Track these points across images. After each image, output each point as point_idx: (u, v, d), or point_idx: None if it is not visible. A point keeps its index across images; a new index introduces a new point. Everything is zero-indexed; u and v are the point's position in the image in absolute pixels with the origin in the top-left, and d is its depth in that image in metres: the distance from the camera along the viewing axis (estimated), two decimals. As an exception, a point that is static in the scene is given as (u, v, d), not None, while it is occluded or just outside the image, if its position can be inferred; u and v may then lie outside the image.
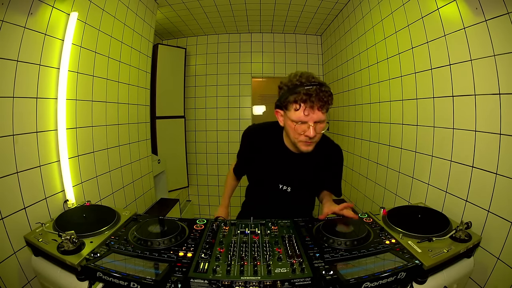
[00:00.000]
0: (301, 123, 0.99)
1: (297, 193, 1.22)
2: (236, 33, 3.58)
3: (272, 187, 1.23)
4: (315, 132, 0.99)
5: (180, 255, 0.94)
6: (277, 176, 1.21)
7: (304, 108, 0.96)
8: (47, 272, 1.02)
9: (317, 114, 0.97)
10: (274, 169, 1.21)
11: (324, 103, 0.96)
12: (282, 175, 1.21)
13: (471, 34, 1.19)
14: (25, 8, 1.19)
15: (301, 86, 0.96)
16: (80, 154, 1.56)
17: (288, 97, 0.99)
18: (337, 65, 3.01)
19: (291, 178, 1.20)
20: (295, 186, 1.21)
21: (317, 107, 0.96)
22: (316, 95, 0.94)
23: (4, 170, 1.12)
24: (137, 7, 2.19)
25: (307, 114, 0.96)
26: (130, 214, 1.26)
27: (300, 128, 1.00)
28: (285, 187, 1.21)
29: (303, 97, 0.95)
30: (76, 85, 1.53)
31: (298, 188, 1.21)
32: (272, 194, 1.24)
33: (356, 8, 2.42)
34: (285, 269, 0.86)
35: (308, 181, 1.21)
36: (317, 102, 0.95)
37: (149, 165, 2.51)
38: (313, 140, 1.03)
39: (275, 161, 1.20)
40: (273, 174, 1.22)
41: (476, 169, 1.19)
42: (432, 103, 1.46)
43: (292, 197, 1.22)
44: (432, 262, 0.89)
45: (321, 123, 1.01)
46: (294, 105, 0.98)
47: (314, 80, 0.97)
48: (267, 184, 1.24)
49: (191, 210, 3.66)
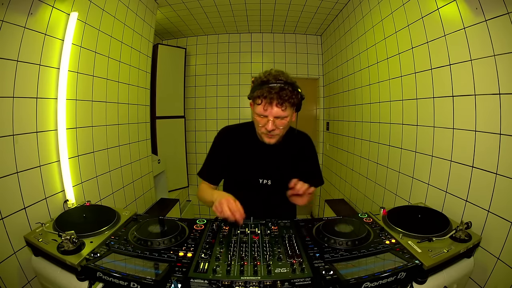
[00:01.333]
0: (262, 117, 1.08)
1: (278, 186, 1.22)
2: (236, 33, 3.59)
3: (252, 183, 1.23)
4: (274, 126, 1.07)
5: (180, 255, 0.94)
6: (256, 171, 1.23)
7: (264, 104, 1.05)
8: (47, 272, 1.02)
9: (276, 110, 1.04)
10: (253, 164, 1.23)
11: (284, 101, 1.03)
12: (261, 169, 1.23)
13: (471, 34, 1.19)
14: (25, 8, 1.19)
15: (266, 83, 1.04)
16: (80, 154, 1.56)
17: (255, 91, 1.07)
18: (337, 65, 3.01)
19: (270, 170, 1.22)
20: (275, 179, 1.22)
21: (275, 104, 1.03)
22: (276, 93, 1.02)
23: (4, 170, 1.12)
24: (137, 7, 2.19)
25: (266, 109, 1.05)
26: (130, 214, 1.26)
27: (262, 121, 1.09)
28: (266, 181, 1.22)
29: (264, 93, 1.03)
30: (76, 85, 1.53)
31: (278, 180, 1.22)
32: (253, 190, 1.23)
33: (356, 8, 2.42)
34: (285, 269, 0.86)
35: (287, 173, 1.22)
36: (276, 99, 1.02)
37: (149, 165, 2.52)
38: (273, 133, 1.10)
39: (252, 156, 1.23)
40: (252, 170, 1.23)
41: (476, 169, 1.19)
42: (432, 103, 1.46)
43: (274, 191, 1.23)
44: (432, 262, 0.89)
45: (282, 119, 1.08)
46: (257, 99, 1.06)
47: (281, 79, 1.04)
48: (247, 181, 1.24)
49: (191, 210, 3.66)
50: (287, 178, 1.18)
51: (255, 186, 1.24)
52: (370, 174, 2.23)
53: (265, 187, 1.23)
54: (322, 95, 3.59)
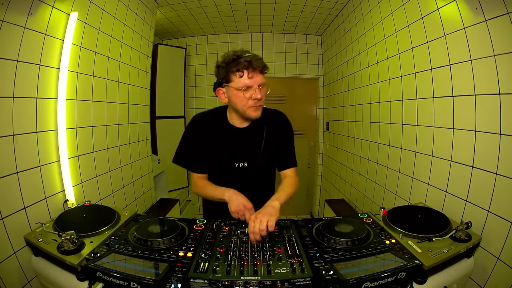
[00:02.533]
0: (246, 89, 1.08)
1: (254, 168, 1.24)
2: (236, 33, 3.58)
3: (229, 167, 1.23)
4: (261, 94, 1.09)
5: (180, 255, 0.94)
6: (230, 155, 1.23)
7: (247, 73, 1.07)
8: (47, 272, 1.02)
9: (260, 77, 1.09)
10: (226, 149, 1.23)
11: (264, 67, 1.09)
12: (235, 153, 1.23)
13: (471, 34, 1.19)
14: (25, 8, 1.19)
15: (239, 57, 1.07)
16: (80, 154, 1.56)
17: (229, 70, 1.08)
18: (337, 65, 3.01)
19: (244, 153, 1.23)
20: (251, 161, 1.23)
21: (258, 70, 1.08)
22: (255, 61, 1.06)
23: (4, 170, 1.12)
24: (137, 7, 2.19)
25: (251, 77, 1.07)
26: (130, 214, 1.26)
27: (248, 94, 1.09)
28: (242, 164, 1.23)
29: (245, 64, 1.06)
30: (76, 85, 1.53)
31: (254, 162, 1.23)
32: (231, 175, 1.23)
33: (356, 8, 2.42)
34: (285, 269, 0.86)
35: (261, 153, 1.23)
36: (257, 66, 1.07)
37: (149, 165, 2.51)
38: (261, 102, 1.13)
39: (226, 141, 1.23)
40: (226, 154, 1.23)
41: (476, 169, 1.19)
42: (432, 103, 1.46)
43: (251, 173, 1.24)
44: (432, 262, 0.89)
45: (263, 86, 1.11)
46: (237, 73, 1.07)
47: (248, 52, 1.10)
48: (223, 167, 1.24)
49: (191, 210, 3.66)
50: (263, 159, 1.24)
51: (232, 170, 1.23)
52: (370, 174, 2.23)
53: (242, 169, 1.23)
54: (322, 95, 3.59)
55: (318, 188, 3.74)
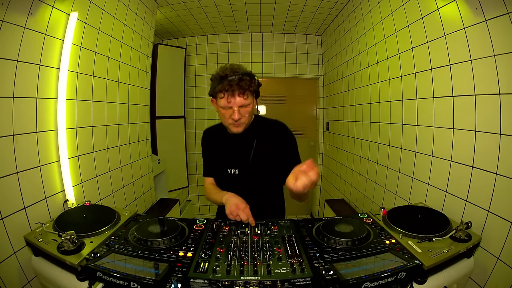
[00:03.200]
0: (227, 108, 1.13)
1: (245, 175, 1.25)
2: (236, 33, 3.58)
3: (223, 174, 1.29)
4: (240, 115, 1.12)
5: (180, 255, 0.94)
6: (224, 161, 1.29)
7: (227, 96, 1.10)
8: (47, 272, 1.02)
9: (239, 100, 1.10)
10: (221, 155, 1.30)
11: (245, 90, 1.09)
12: (227, 159, 1.28)
13: (471, 34, 1.19)
14: (25, 8, 1.19)
15: (225, 77, 1.09)
16: (80, 154, 1.56)
17: (215, 87, 1.12)
18: (337, 65, 3.01)
19: (236, 160, 1.27)
20: (241, 167, 1.26)
21: (237, 94, 1.09)
22: (236, 84, 1.08)
23: (4, 170, 1.12)
24: (137, 7, 2.19)
25: (229, 101, 1.10)
26: (130, 214, 1.26)
27: (227, 113, 1.14)
28: (234, 170, 1.27)
29: (226, 87, 1.09)
30: (76, 85, 1.53)
31: (244, 169, 1.25)
32: (225, 181, 1.29)
33: (356, 8, 2.42)
34: (285, 269, 0.86)
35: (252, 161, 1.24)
36: (237, 90, 1.09)
37: (149, 165, 2.51)
38: (240, 122, 1.15)
39: (221, 147, 1.30)
40: (221, 161, 1.30)
41: (476, 169, 1.19)
42: (432, 103, 1.46)
43: (243, 180, 1.25)
44: (432, 262, 0.89)
45: (245, 107, 1.13)
46: (219, 94, 1.12)
47: (238, 71, 1.11)
48: (219, 173, 1.31)
49: (191, 210, 3.66)
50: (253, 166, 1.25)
51: (226, 177, 1.29)
52: (370, 174, 2.23)
53: (234, 176, 1.27)
54: (322, 95, 3.59)
55: (318, 188, 3.74)
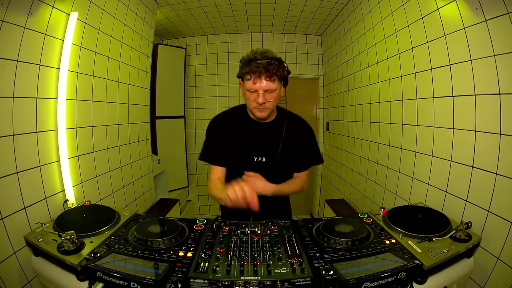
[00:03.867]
0: (253, 91, 1.13)
1: (273, 164, 1.24)
2: (236, 33, 3.58)
3: (248, 161, 1.25)
4: (264, 99, 1.12)
5: (180, 255, 0.94)
6: (250, 149, 1.25)
7: (253, 78, 1.10)
8: (47, 272, 1.02)
9: (266, 83, 1.10)
10: (246, 142, 1.25)
11: (272, 74, 1.09)
12: (254, 146, 1.25)
13: (471, 34, 1.19)
14: (25, 8, 1.19)
15: (254, 59, 1.10)
16: (80, 154, 1.56)
17: (244, 69, 1.12)
18: (337, 65, 3.01)
19: (264, 147, 1.25)
20: (270, 155, 1.25)
21: (264, 77, 1.09)
22: (264, 67, 1.07)
23: (4, 170, 1.12)
24: (137, 7, 2.19)
25: (255, 83, 1.10)
26: (130, 214, 1.26)
27: (252, 96, 1.14)
28: (260, 158, 1.24)
29: (253, 69, 1.08)
30: (76, 85, 1.53)
31: (273, 157, 1.25)
32: (249, 168, 1.22)
33: (356, 8, 2.42)
34: (285, 269, 0.86)
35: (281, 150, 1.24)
36: (264, 73, 1.08)
37: (149, 165, 2.51)
38: (265, 106, 1.15)
39: (245, 134, 1.26)
40: (246, 148, 1.25)
41: (476, 169, 1.19)
42: (432, 103, 1.46)
43: (270, 168, 1.23)
44: (432, 262, 0.89)
45: (271, 92, 1.13)
46: (247, 75, 1.12)
47: (267, 55, 1.11)
48: (242, 160, 1.25)
49: (191, 210, 3.66)
50: (282, 155, 1.24)
51: (251, 164, 1.25)
52: (370, 174, 2.23)
53: (261, 164, 1.25)
54: (322, 95, 3.59)
55: (318, 188, 3.74)
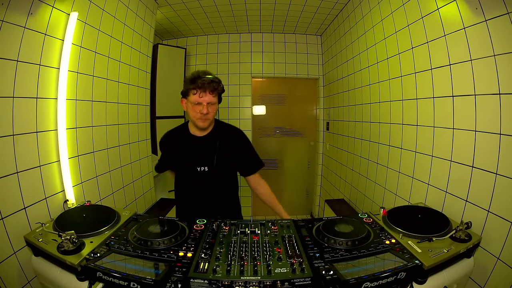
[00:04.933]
0: (198, 104, 1.32)
1: (215, 172, 1.41)
2: (236, 33, 3.58)
3: (193, 171, 1.41)
4: (207, 110, 1.31)
5: (180, 255, 0.94)
6: (192, 161, 1.42)
7: (199, 93, 1.30)
8: (47, 272, 1.02)
9: (209, 97, 1.31)
10: (188, 155, 1.43)
11: (214, 89, 1.30)
12: (195, 158, 1.42)
13: (471, 34, 1.19)
14: (25, 8, 1.19)
15: (198, 78, 1.30)
16: (80, 154, 1.56)
17: (189, 86, 1.32)
18: (337, 65, 3.01)
19: (203, 158, 1.41)
20: (210, 165, 1.41)
21: (208, 91, 1.30)
22: (208, 83, 1.29)
23: (4, 170, 1.12)
24: (137, 7, 2.19)
25: (201, 97, 1.30)
26: (130, 214, 1.26)
27: (197, 108, 1.32)
28: (202, 168, 1.41)
29: (199, 85, 1.29)
30: (76, 85, 1.53)
31: (214, 166, 1.41)
32: (195, 178, 1.42)
33: (356, 8, 2.42)
34: (285, 269, 0.86)
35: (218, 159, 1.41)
36: (208, 88, 1.29)
37: (149, 165, 2.51)
38: (207, 117, 1.33)
39: (187, 148, 1.43)
40: (188, 160, 1.42)
41: (476, 169, 1.19)
42: (432, 103, 1.46)
43: (212, 176, 1.41)
44: (432, 262, 0.89)
45: (213, 104, 1.33)
46: (192, 91, 1.31)
47: (209, 74, 1.33)
48: (188, 170, 1.43)
49: (191, 210, 3.65)
50: (219, 163, 1.41)
51: (195, 174, 1.41)
52: (370, 174, 2.23)
53: (204, 173, 1.41)
54: (322, 95, 3.59)
55: (318, 188, 3.74)
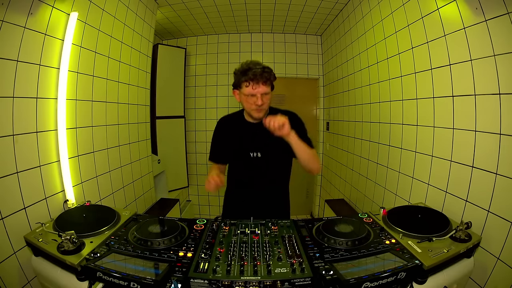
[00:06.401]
0: (251, 96, 1.31)
1: (268, 158, 1.43)
2: (236, 33, 3.58)
3: (245, 157, 1.43)
4: (262, 101, 1.31)
5: (180, 255, 0.94)
6: (246, 146, 1.44)
7: (252, 84, 1.29)
8: (47, 272, 1.02)
9: (262, 88, 1.29)
10: (243, 141, 1.45)
11: (266, 79, 1.29)
12: (250, 144, 1.44)
13: (471, 34, 1.19)
14: (25, 8, 1.19)
15: (249, 70, 1.28)
16: (80, 154, 1.56)
17: (240, 78, 1.32)
18: (337, 65, 3.01)
19: (258, 144, 1.43)
20: (264, 151, 1.42)
21: (261, 83, 1.28)
22: (260, 74, 1.27)
23: (4, 170, 1.12)
24: (137, 7, 2.19)
25: (255, 89, 1.29)
26: (130, 214, 1.26)
27: (252, 100, 1.32)
28: (256, 154, 1.43)
29: (251, 77, 1.27)
30: (76, 85, 1.53)
31: (267, 152, 1.43)
32: (248, 163, 1.44)
33: (356, 8, 2.42)
34: (285, 269, 0.86)
35: (273, 145, 1.39)
36: (261, 79, 1.28)
37: (149, 165, 2.51)
38: (262, 107, 1.34)
39: (242, 134, 1.46)
40: (243, 145, 1.45)
41: (476, 169, 1.19)
42: (432, 103, 1.46)
43: (265, 163, 1.43)
44: (432, 262, 0.89)
45: (267, 94, 1.33)
46: (245, 83, 1.30)
47: (259, 64, 1.31)
48: (241, 157, 1.45)
49: (191, 210, 3.66)
50: (275, 151, 1.42)
51: (248, 159, 1.43)
52: (370, 174, 2.23)
53: (256, 159, 1.43)
54: (322, 95, 3.59)
55: (318, 188, 3.74)
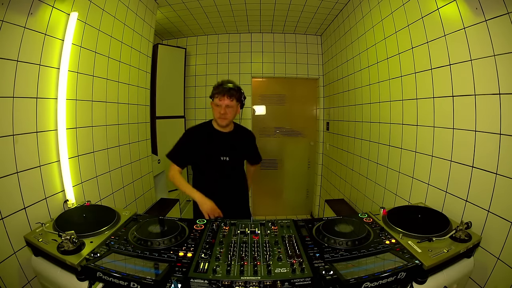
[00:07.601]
0: (218, 106, 1.61)
1: (233, 161, 1.70)
2: (236, 33, 3.58)
3: (216, 160, 1.67)
4: (225, 111, 1.59)
5: (180, 255, 0.94)
6: (218, 150, 1.68)
7: (219, 97, 1.59)
8: (47, 272, 1.02)
9: (227, 101, 1.58)
10: (215, 146, 1.68)
11: (231, 95, 1.59)
12: (220, 149, 1.68)
13: (471, 34, 1.19)
14: (25, 8, 1.19)
15: (221, 85, 1.61)
16: (80, 154, 1.56)
17: (213, 91, 1.63)
18: (337, 65, 3.01)
19: (226, 150, 1.68)
20: (231, 155, 1.69)
21: (226, 96, 1.58)
22: (227, 90, 1.58)
23: (4, 170, 1.12)
24: (137, 7, 2.19)
25: (220, 100, 1.59)
26: (130, 214, 1.26)
27: (218, 109, 1.61)
28: (224, 157, 1.68)
29: (220, 91, 1.59)
30: (76, 85, 1.53)
31: (233, 156, 1.70)
32: (217, 165, 1.67)
33: (356, 8, 2.42)
34: (285, 269, 0.86)
35: (237, 151, 1.72)
36: (226, 94, 1.58)
37: (149, 165, 2.51)
38: (225, 116, 1.61)
39: (214, 141, 1.68)
40: (215, 150, 1.68)
41: (476, 169, 1.19)
42: (432, 103, 1.46)
43: (231, 165, 1.70)
44: (432, 262, 0.89)
45: (230, 107, 1.60)
46: (216, 95, 1.61)
47: (230, 83, 1.63)
48: (212, 159, 1.67)
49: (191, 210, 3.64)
50: (239, 156, 1.76)
51: (218, 162, 1.67)
52: (370, 174, 2.23)
53: (225, 162, 1.68)
54: (322, 95, 3.59)
55: (318, 188, 3.74)
